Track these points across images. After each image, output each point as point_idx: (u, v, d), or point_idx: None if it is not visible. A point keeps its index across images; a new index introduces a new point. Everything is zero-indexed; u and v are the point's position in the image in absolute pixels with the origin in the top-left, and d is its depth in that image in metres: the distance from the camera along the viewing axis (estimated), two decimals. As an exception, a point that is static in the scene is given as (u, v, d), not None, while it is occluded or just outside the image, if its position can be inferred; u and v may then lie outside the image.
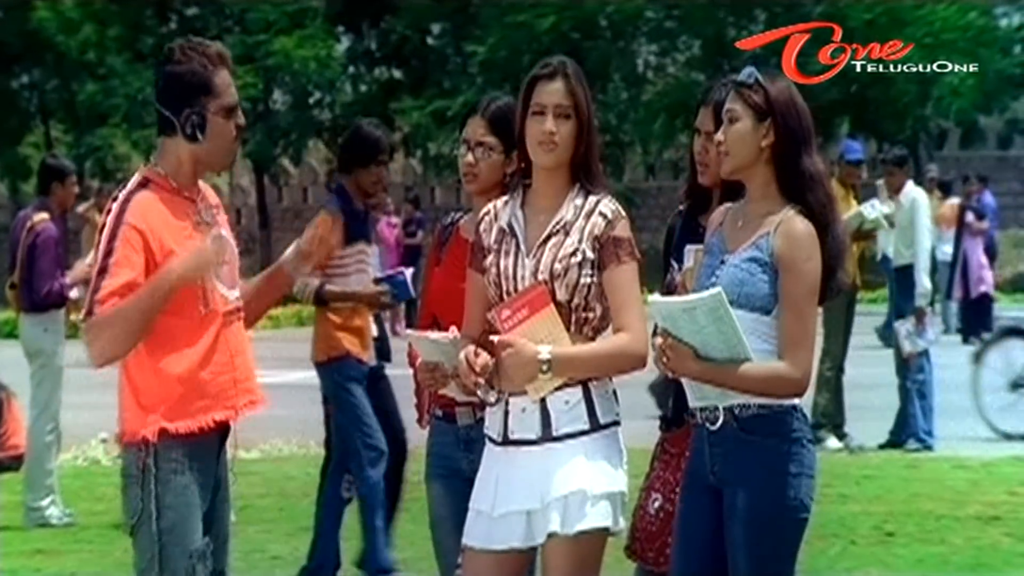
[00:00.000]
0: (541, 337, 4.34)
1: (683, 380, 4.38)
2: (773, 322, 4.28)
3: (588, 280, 4.38)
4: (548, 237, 4.41)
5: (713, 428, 4.33)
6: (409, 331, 4.86)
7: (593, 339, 4.42)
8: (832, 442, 11.53)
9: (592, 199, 4.43)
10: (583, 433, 4.37)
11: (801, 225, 4.29)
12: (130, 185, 4.49)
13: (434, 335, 4.61)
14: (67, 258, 9.76)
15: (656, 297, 4.35)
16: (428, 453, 5.03)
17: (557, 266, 4.38)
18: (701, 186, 4.85)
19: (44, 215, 9.55)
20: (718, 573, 4.37)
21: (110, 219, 4.42)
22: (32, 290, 9.41)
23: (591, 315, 4.40)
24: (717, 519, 4.34)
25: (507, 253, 4.46)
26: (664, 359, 4.29)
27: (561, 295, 4.37)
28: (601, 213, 4.41)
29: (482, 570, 4.45)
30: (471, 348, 4.36)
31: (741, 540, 4.29)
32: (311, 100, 34.63)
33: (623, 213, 4.45)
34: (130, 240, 4.37)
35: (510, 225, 4.49)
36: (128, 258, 4.36)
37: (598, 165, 4.49)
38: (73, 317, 9.62)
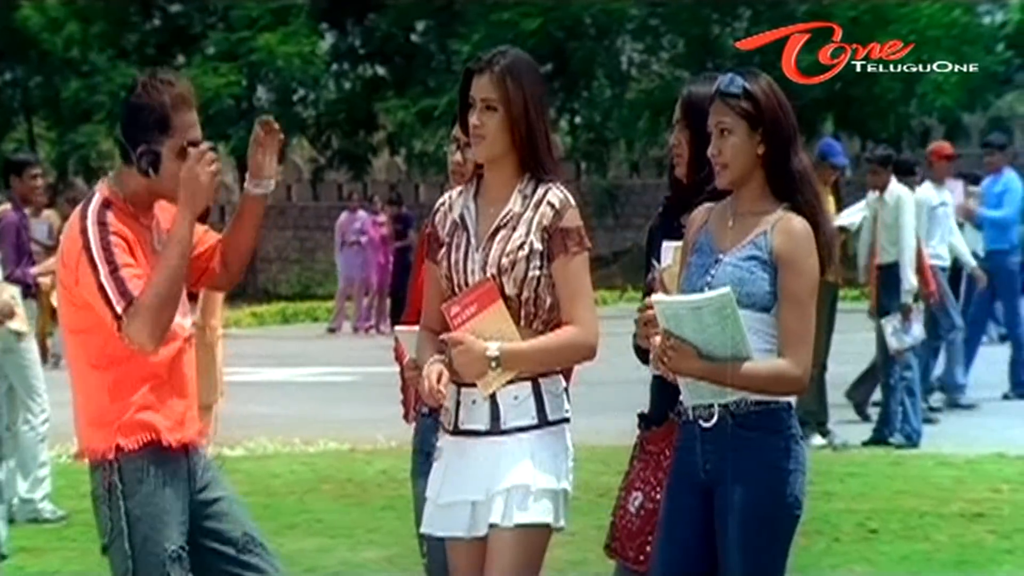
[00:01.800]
0: (491, 333, 4.34)
1: (679, 379, 4.38)
2: (773, 320, 4.29)
3: (536, 273, 4.37)
4: (497, 230, 4.41)
5: (707, 425, 4.33)
6: (398, 327, 4.87)
7: (544, 331, 4.41)
8: (816, 439, 11.54)
9: (541, 189, 4.41)
10: (530, 428, 4.38)
11: (799, 223, 4.30)
12: (95, 204, 4.47)
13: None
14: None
15: (661, 297, 4.33)
16: (414, 450, 5.04)
17: (504, 260, 4.37)
18: (682, 185, 4.84)
19: (6, 205, 9.57)
20: (702, 573, 4.37)
21: (93, 231, 4.41)
22: None
23: (541, 308, 4.39)
24: (704, 518, 4.34)
25: (458, 246, 4.47)
26: (665, 359, 4.29)
27: (509, 289, 4.37)
28: (549, 203, 4.39)
29: (451, 557, 4.49)
30: (435, 369, 4.34)
31: (737, 537, 4.28)
32: (295, 97, 34.59)
33: (572, 201, 4.42)
34: (123, 249, 4.40)
35: (462, 217, 4.49)
36: (124, 260, 4.40)
37: (548, 154, 4.44)
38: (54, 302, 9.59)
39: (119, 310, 4.33)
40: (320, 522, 9.25)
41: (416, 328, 4.69)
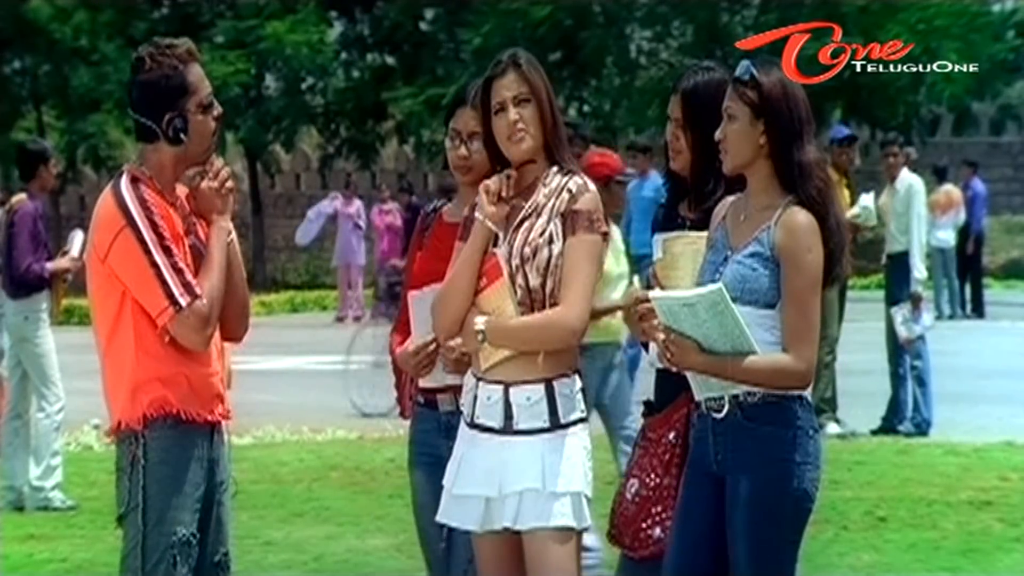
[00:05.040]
0: (491, 308, 4.39)
1: (688, 374, 4.39)
2: (778, 315, 4.29)
3: (560, 260, 4.39)
4: (522, 221, 4.44)
5: (718, 417, 4.34)
6: (410, 292, 4.87)
7: None
8: (832, 428, 11.52)
9: (564, 178, 4.46)
10: (543, 431, 4.39)
11: (802, 217, 4.30)
12: (125, 181, 4.48)
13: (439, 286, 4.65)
14: (56, 242, 9.73)
15: (656, 292, 4.35)
16: (410, 441, 5.04)
17: (526, 249, 4.40)
18: (678, 174, 4.86)
19: (22, 195, 9.59)
20: (715, 563, 4.38)
21: (136, 209, 4.41)
22: (12, 268, 9.40)
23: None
24: (717, 509, 4.35)
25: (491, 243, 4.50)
26: (668, 354, 4.30)
27: (533, 280, 4.38)
28: (568, 189, 4.43)
29: (475, 547, 4.51)
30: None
31: (742, 528, 4.30)
32: (303, 86, 34.57)
33: (590, 187, 4.45)
34: (169, 232, 4.44)
35: None
36: (178, 252, 4.44)
37: (567, 146, 4.53)
38: (66, 302, 9.61)
39: (182, 303, 4.37)
40: (328, 510, 9.27)
41: (427, 290, 4.71)
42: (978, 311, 22.01)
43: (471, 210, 4.57)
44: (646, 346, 4.74)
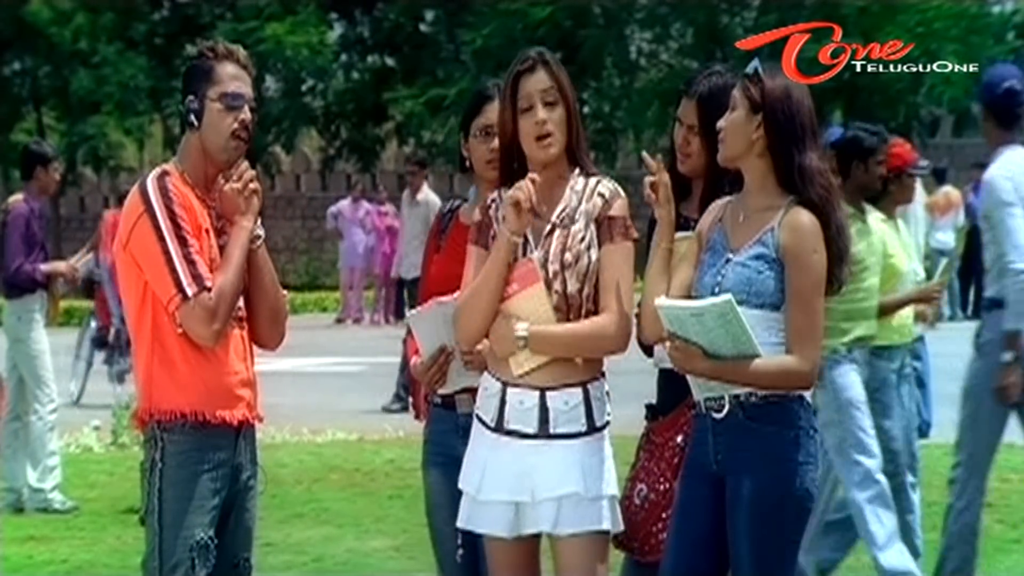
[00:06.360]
0: (527, 313, 4.36)
1: (688, 375, 4.39)
2: (783, 317, 4.30)
3: (596, 266, 4.39)
4: (554, 227, 4.42)
5: (718, 417, 4.34)
6: (410, 312, 4.86)
7: None
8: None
9: (592, 181, 4.45)
10: (579, 435, 4.38)
11: (806, 218, 4.30)
12: (154, 172, 4.54)
13: (440, 300, 4.62)
14: (55, 243, 9.74)
15: (663, 301, 4.34)
16: (425, 440, 5.02)
17: (568, 256, 4.38)
18: (680, 174, 4.85)
19: (18, 196, 9.60)
20: (715, 564, 4.38)
21: (155, 196, 4.44)
22: (3, 268, 9.41)
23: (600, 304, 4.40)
24: (717, 510, 4.35)
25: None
26: (671, 360, 4.31)
27: (572, 285, 4.37)
28: (599, 193, 4.43)
29: (492, 554, 4.48)
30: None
31: (745, 528, 4.30)
32: (303, 88, 34.57)
33: (621, 192, 4.46)
34: (188, 222, 4.44)
35: None
36: (195, 243, 4.45)
37: (586, 147, 4.53)
38: (65, 303, 9.60)
39: (189, 292, 4.38)
40: (328, 511, 9.27)
41: (428, 306, 4.69)
42: (980, 312, 21.98)
43: (483, 213, 4.56)
44: (646, 348, 4.73)
